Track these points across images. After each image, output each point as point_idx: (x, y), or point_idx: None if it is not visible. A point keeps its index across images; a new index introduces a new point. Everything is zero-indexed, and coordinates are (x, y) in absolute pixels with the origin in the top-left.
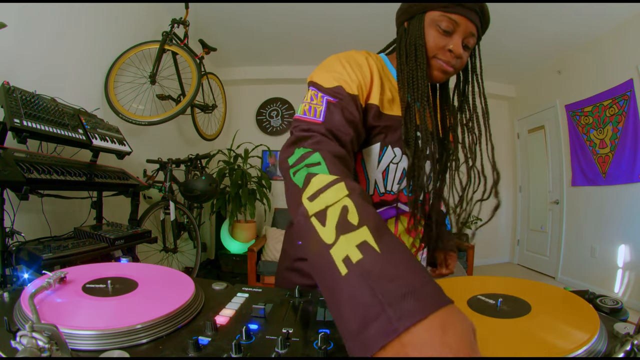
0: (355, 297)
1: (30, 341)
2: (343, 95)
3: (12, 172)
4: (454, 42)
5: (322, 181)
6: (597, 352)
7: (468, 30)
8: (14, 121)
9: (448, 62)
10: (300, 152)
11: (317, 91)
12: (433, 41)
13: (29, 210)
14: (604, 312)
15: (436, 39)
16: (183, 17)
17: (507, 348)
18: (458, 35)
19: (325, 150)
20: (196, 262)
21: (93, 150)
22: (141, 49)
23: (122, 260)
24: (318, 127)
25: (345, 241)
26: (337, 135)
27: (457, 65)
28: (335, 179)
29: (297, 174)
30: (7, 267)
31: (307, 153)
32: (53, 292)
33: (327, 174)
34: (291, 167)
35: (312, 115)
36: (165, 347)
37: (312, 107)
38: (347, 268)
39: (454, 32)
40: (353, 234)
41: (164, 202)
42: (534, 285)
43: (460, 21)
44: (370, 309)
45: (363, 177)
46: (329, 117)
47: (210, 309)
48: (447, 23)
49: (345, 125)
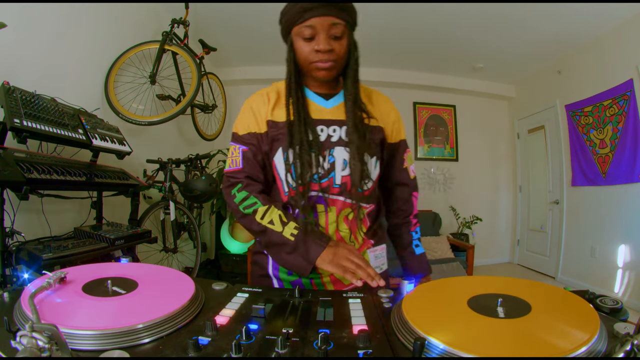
0: (299, 246)
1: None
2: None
3: (12, 172)
4: (319, 41)
5: (262, 210)
6: (597, 352)
7: (327, 24)
8: (14, 121)
9: (321, 60)
10: (241, 195)
11: (235, 144)
12: (304, 50)
13: (29, 210)
14: (604, 312)
15: (305, 47)
16: (183, 17)
17: (507, 348)
18: (321, 34)
19: (254, 192)
20: (196, 262)
21: (93, 150)
22: (141, 49)
23: (122, 260)
24: (240, 174)
25: (287, 228)
26: (254, 178)
27: (332, 57)
28: (268, 207)
29: (246, 209)
30: (7, 267)
31: (246, 196)
32: (53, 292)
33: (263, 207)
34: (239, 205)
35: (234, 165)
36: (165, 347)
37: (233, 160)
38: (293, 237)
39: (317, 34)
40: (289, 224)
41: (164, 202)
42: (534, 285)
43: (315, 23)
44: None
45: (279, 180)
46: (246, 163)
47: (210, 309)
48: (306, 31)
49: (257, 168)
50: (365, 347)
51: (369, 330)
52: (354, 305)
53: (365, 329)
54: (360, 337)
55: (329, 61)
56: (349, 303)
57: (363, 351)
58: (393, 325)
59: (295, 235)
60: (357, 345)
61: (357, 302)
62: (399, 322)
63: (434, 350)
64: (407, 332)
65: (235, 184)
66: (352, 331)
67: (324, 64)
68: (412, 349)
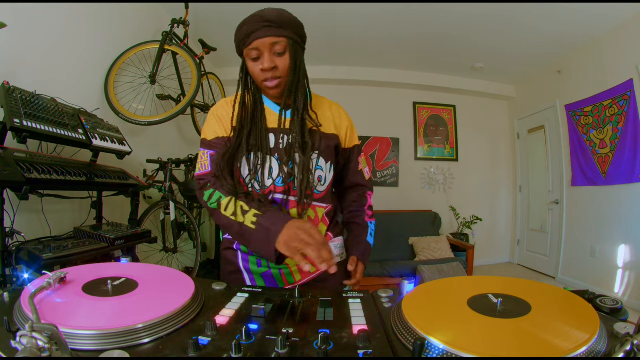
0: (260, 233)
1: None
2: (218, 143)
3: (12, 172)
4: (263, 61)
5: (225, 202)
6: (597, 352)
7: (267, 44)
8: (14, 121)
9: (267, 79)
10: (209, 192)
11: (204, 149)
12: (254, 70)
13: (29, 210)
14: (604, 312)
15: (254, 67)
16: (183, 17)
17: (507, 348)
18: (265, 54)
19: (219, 187)
20: (196, 262)
21: (93, 150)
22: (141, 49)
23: (122, 260)
24: (208, 175)
25: (248, 216)
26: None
27: (277, 74)
28: (230, 198)
29: (212, 204)
30: (7, 267)
31: (212, 192)
32: (53, 292)
33: (225, 198)
34: (207, 202)
35: (204, 169)
36: (165, 347)
37: (203, 164)
38: (254, 225)
39: (262, 54)
40: (249, 213)
41: (164, 202)
42: (534, 285)
43: (257, 45)
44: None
45: (242, 181)
46: (214, 166)
47: (210, 309)
48: (252, 52)
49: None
50: (365, 347)
51: (369, 330)
52: (354, 305)
53: (365, 329)
54: (360, 337)
55: (274, 79)
56: (349, 303)
57: (363, 351)
58: (393, 325)
59: (256, 222)
60: (357, 345)
61: (357, 302)
62: (399, 322)
63: (434, 350)
64: (407, 332)
65: (205, 184)
66: (352, 331)
67: (270, 83)
68: (412, 349)
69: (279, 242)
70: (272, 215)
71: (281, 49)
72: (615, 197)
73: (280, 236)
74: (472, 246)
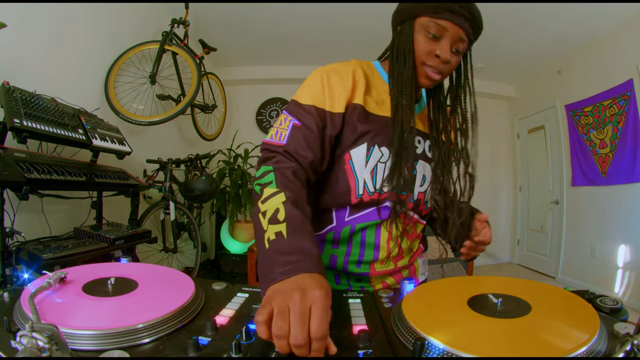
0: (266, 260)
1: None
2: (314, 113)
3: (12, 172)
4: (442, 47)
5: (269, 192)
6: (597, 352)
7: (457, 35)
8: (14, 121)
9: (435, 68)
10: (263, 169)
11: (288, 114)
12: (421, 46)
13: (29, 210)
14: (604, 312)
15: (425, 44)
16: (183, 17)
17: (507, 348)
18: (446, 41)
19: (281, 168)
20: (196, 262)
21: (93, 150)
22: (141, 49)
23: (122, 260)
24: (279, 149)
25: (271, 229)
26: (296, 157)
27: (445, 70)
28: (278, 190)
29: (256, 187)
30: (7, 267)
31: (267, 171)
32: (53, 292)
33: (273, 188)
34: (255, 180)
35: (277, 139)
36: (165, 347)
37: (279, 132)
38: (268, 244)
39: (442, 38)
40: (276, 225)
41: (164, 202)
42: (534, 285)
43: (448, 27)
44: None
45: (352, 177)
46: (291, 141)
47: (210, 309)
48: (435, 28)
49: (304, 149)
50: (365, 347)
51: (369, 330)
52: (354, 305)
53: (365, 329)
54: (360, 337)
55: (440, 73)
56: (349, 303)
57: (363, 351)
58: (393, 325)
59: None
60: (357, 345)
61: (357, 302)
62: (399, 322)
63: (434, 350)
64: (407, 332)
65: (270, 158)
66: (352, 331)
67: (433, 74)
68: (412, 349)
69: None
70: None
71: (462, 48)
72: (615, 197)
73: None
74: None
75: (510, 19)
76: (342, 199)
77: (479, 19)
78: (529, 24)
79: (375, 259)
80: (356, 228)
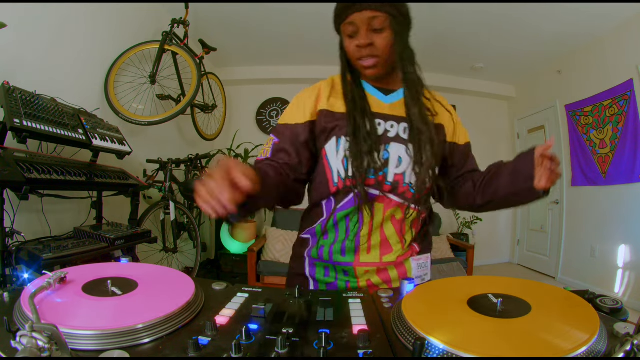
0: None
1: (30, 341)
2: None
3: (12, 172)
4: (359, 37)
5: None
6: (597, 352)
7: (366, 18)
8: (14, 121)
9: (363, 57)
10: None
11: (271, 136)
12: (349, 47)
13: (29, 210)
14: (604, 312)
15: (349, 44)
16: (183, 17)
17: (507, 348)
18: (362, 30)
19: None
20: (196, 262)
21: (93, 150)
22: (141, 49)
23: (122, 260)
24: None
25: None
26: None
27: (375, 52)
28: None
29: None
30: (7, 267)
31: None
32: (53, 292)
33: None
34: None
35: (264, 155)
36: (165, 347)
37: (265, 150)
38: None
39: (358, 30)
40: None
41: (164, 202)
42: (534, 285)
43: (355, 19)
44: None
45: (328, 169)
46: (273, 153)
47: (210, 309)
48: (349, 28)
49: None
50: (365, 347)
51: (369, 330)
52: (354, 305)
53: (365, 329)
54: (360, 337)
55: (370, 57)
56: (349, 303)
57: (363, 351)
58: (393, 325)
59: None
60: (357, 345)
61: (357, 302)
62: (399, 322)
63: (434, 350)
64: (407, 332)
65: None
66: (352, 331)
67: (366, 62)
68: (412, 349)
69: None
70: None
71: (379, 24)
72: (615, 197)
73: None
74: (472, 246)
75: (510, 19)
76: (323, 189)
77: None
78: (528, 24)
79: (357, 245)
80: (338, 216)
